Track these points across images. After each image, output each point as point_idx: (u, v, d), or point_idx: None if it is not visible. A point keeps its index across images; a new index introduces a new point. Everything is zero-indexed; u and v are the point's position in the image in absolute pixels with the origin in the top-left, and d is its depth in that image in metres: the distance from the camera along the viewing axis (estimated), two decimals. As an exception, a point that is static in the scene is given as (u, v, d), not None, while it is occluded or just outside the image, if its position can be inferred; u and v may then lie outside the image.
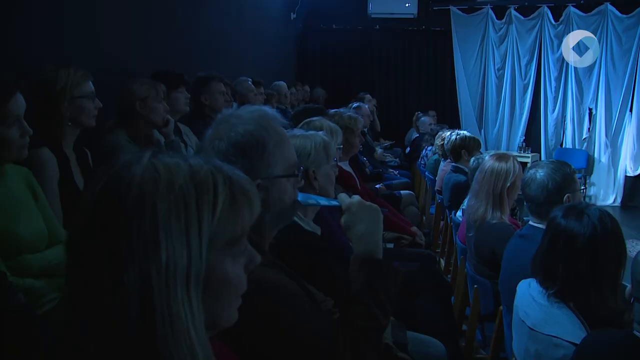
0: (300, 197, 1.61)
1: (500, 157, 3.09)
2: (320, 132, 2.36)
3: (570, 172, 2.45)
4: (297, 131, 2.38)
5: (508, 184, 2.97)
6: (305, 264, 1.82)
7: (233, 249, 0.89)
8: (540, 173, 2.41)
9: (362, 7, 9.63)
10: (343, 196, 1.60)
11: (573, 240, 1.83)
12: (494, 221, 2.93)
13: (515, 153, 8.84)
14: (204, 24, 5.24)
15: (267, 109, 1.56)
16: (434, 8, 9.50)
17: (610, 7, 8.78)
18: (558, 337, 1.76)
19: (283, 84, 6.81)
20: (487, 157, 3.23)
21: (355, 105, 6.18)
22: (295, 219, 2.05)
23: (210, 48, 5.36)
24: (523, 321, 1.93)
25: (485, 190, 2.99)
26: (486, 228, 2.94)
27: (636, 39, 8.69)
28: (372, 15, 9.67)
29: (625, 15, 8.71)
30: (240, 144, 1.44)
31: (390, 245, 3.66)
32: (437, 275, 3.39)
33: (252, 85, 5.25)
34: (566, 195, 2.35)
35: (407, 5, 9.47)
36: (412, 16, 9.53)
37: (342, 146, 3.18)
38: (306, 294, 1.57)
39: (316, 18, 9.72)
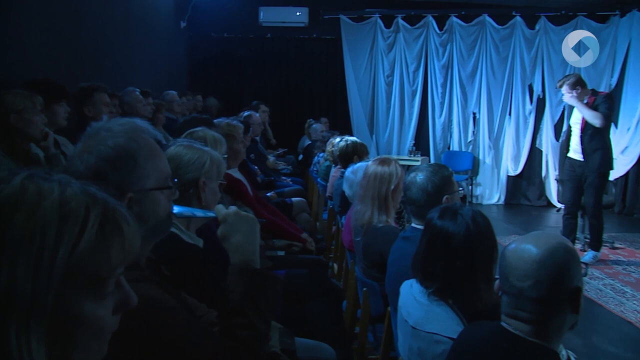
0: (176, 209, 1.58)
1: (383, 161, 3.16)
2: (216, 152, 2.33)
3: (448, 175, 2.54)
4: (196, 143, 2.35)
5: (392, 187, 3.05)
6: (186, 277, 1.78)
7: (96, 289, 0.83)
8: (420, 176, 2.49)
9: (253, 16, 9.64)
10: (219, 207, 1.59)
11: (449, 240, 1.91)
12: (380, 225, 2.98)
13: (406, 157, 9.18)
14: (85, 32, 5.02)
15: (138, 121, 1.50)
16: (325, 17, 9.66)
17: (488, 18, 9.36)
18: (438, 334, 1.82)
19: (173, 93, 6.68)
20: (369, 162, 3.28)
21: (246, 114, 6.15)
22: (176, 231, 2.00)
23: (94, 57, 5.15)
24: (406, 320, 1.98)
25: (370, 194, 3.05)
26: (373, 231, 2.99)
27: (511, 48, 9.33)
28: (264, 24, 9.70)
29: (500, 26, 9.33)
30: (110, 158, 1.38)
31: (281, 253, 3.67)
32: (327, 281, 3.42)
33: (140, 96, 5.12)
34: (445, 196, 2.44)
35: (297, 14, 9.57)
36: (303, 25, 9.65)
37: (226, 155, 3.14)
38: (185, 308, 1.53)
39: (207, 26, 9.63)
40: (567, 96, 6.03)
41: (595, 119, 5.86)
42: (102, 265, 0.83)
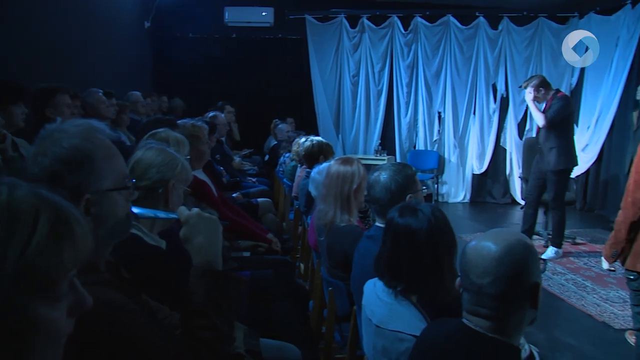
0: (138, 210, 1.57)
1: (345, 161, 3.17)
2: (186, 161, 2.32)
3: (411, 174, 2.56)
4: (169, 148, 2.34)
5: (354, 187, 3.06)
6: (148, 279, 1.76)
7: (49, 292, 0.82)
8: (383, 175, 2.50)
9: (218, 16, 9.57)
10: (182, 209, 1.59)
11: (413, 236, 1.93)
12: (343, 224, 3.00)
13: (372, 156, 9.22)
14: (46, 31, 4.93)
15: (94, 122, 1.48)
16: (290, 17, 9.64)
17: (452, 18, 9.47)
18: (401, 332, 1.83)
19: (138, 94, 6.60)
20: (332, 162, 3.29)
21: (211, 114, 6.11)
22: (138, 232, 1.99)
23: (55, 57, 5.07)
24: (370, 319, 1.99)
25: (333, 193, 3.06)
26: (336, 231, 3.00)
27: (475, 48, 9.45)
28: (229, 24, 9.64)
29: (464, 26, 9.44)
30: (65, 159, 1.37)
31: (247, 254, 3.65)
32: (293, 281, 3.42)
33: (103, 97, 5.05)
34: (408, 195, 2.46)
35: (263, 14, 9.53)
36: (268, 25, 9.62)
37: (189, 157, 3.11)
38: (146, 311, 1.52)
39: (172, 27, 9.55)
40: (528, 96, 6.20)
41: (539, 120, 6.14)
42: (54, 267, 0.82)
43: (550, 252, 6.36)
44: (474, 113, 9.60)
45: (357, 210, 3.17)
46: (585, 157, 8.73)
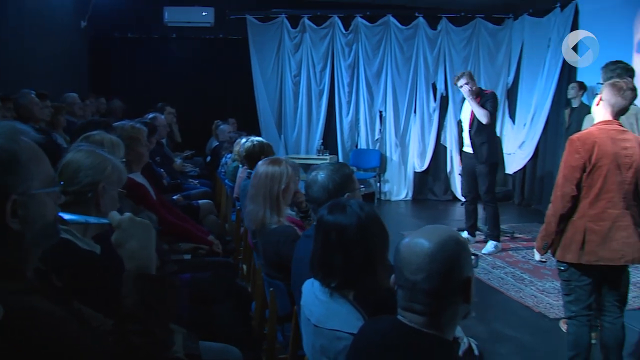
0: (68, 217, 1.53)
1: (273, 161, 3.19)
2: (119, 160, 2.27)
3: (349, 172, 2.58)
4: (99, 149, 2.28)
5: (282, 187, 3.07)
6: (81, 285, 1.73)
7: None
8: (321, 175, 2.51)
9: (157, 16, 9.41)
10: (113, 214, 1.56)
11: (343, 232, 1.94)
12: (274, 226, 3.00)
13: (314, 156, 9.25)
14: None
15: (17, 123, 1.44)
16: (231, 17, 9.58)
17: (392, 19, 9.59)
18: (339, 330, 1.84)
19: (74, 95, 6.45)
20: (260, 163, 3.29)
21: (151, 116, 6.01)
22: (71, 237, 1.94)
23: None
24: (308, 319, 1.99)
25: (262, 193, 3.06)
26: (268, 233, 3.00)
27: (415, 48, 9.60)
28: (169, 24, 9.51)
29: (404, 26, 9.58)
30: None
31: (188, 256, 3.62)
32: (233, 282, 3.41)
33: (37, 98, 4.92)
34: (346, 194, 2.48)
35: (203, 14, 9.42)
36: (209, 25, 9.52)
37: (125, 159, 3.06)
38: (78, 318, 1.48)
39: (110, 26, 9.34)
40: (466, 89, 6.33)
41: (483, 117, 6.30)
42: None
43: (490, 246, 6.56)
44: (415, 112, 9.76)
45: (285, 211, 3.17)
46: (522, 154, 9.01)
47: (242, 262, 4.73)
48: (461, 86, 6.42)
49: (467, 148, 6.64)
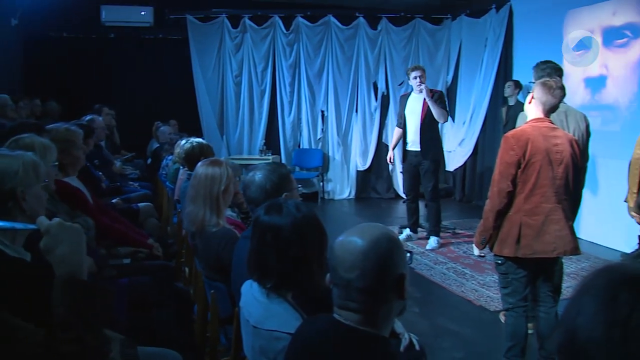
0: None
1: (213, 162, 3.16)
2: (29, 153, 2.17)
3: (286, 172, 2.59)
4: (3, 150, 2.17)
5: (222, 187, 3.05)
6: (9, 295, 1.67)
7: None
8: (258, 175, 2.51)
9: (94, 15, 9.19)
10: (42, 219, 1.51)
11: (279, 232, 1.94)
12: (214, 228, 2.98)
13: (257, 156, 9.21)
14: None
15: None
16: (170, 17, 9.42)
17: (332, 19, 9.64)
18: (277, 331, 1.84)
19: (5, 97, 6.21)
20: (199, 164, 3.26)
21: (88, 118, 5.87)
22: (-1, 245, 1.87)
23: None
24: (247, 320, 1.98)
25: (202, 194, 3.03)
26: (208, 235, 2.97)
27: (356, 48, 9.69)
28: (106, 23, 9.29)
29: (345, 26, 9.64)
30: None
31: (127, 261, 3.55)
32: (173, 286, 3.36)
33: (-37, 101, 4.71)
34: (284, 194, 2.48)
35: (142, 13, 9.25)
36: (148, 24, 9.35)
37: (60, 163, 2.98)
38: (4, 330, 1.43)
39: (44, 25, 9.00)
40: (424, 88, 6.40)
41: (442, 117, 6.48)
42: None
43: (433, 242, 6.69)
44: (356, 111, 9.86)
45: (225, 212, 3.15)
46: (462, 151, 9.20)
47: (184, 265, 4.68)
48: (415, 77, 6.45)
49: (413, 146, 6.63)
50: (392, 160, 7.07)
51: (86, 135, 4.26)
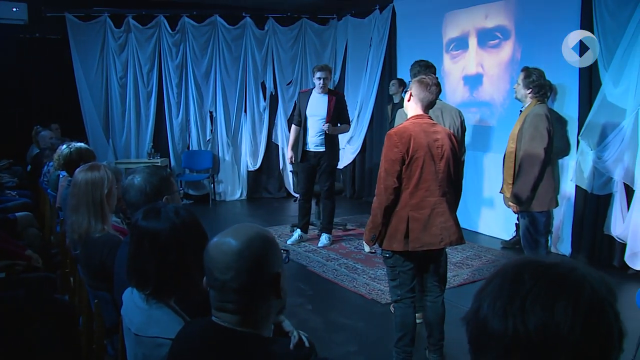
0: None
1: (92, 167, 3.05)
2: None
3: (167, 175, 2.54)
4: None
5: (105, 192, 2.95)
6: None
7: None
8: (137, 178, 2.44)
9: (-43, 11, 8.54)
10: None
11: (156, 237, 1.90)
12: (98, 234, 2.87)
13: (145, 159, 8.97)
14: None
15: None
16: (47, 14, 8.94)
17: (219, 19, 9.54)
18: (159, 337, 1.80)
19: None
20: (77, 170, 3.13)
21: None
22: None
23: None
24: (129, 328, 1.93)
25: (85, 202, 2.91)
26: (92, 242, 2.86)
27: (243, 48, 9.66)
28: (-28, 20, 8.67)
29: (232, 26, 9.59)
30: None
31: (2, 275, 3.34)
32: (54, 298, 3.20)
33: None
34: (165, 197, 2.43)
35: (14, 10, 8.63)
36: (22, 22, 8.77)
37: None
38: None
39: None
40: (328, 128, 6.50)
41: (348, 129, 7.00)
42: None
43: (324, 239, 6.78)
44: (245, 111, 9.83)
45: (110, 217, 3.04)
46: (350, 149, 9.40)
47: (70, 275, 4.47)
48: (319, 78, 6.44)
49: (313, 147, 6.62)
50: (292, 161, 6.91)
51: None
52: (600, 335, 0.92)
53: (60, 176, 4.97)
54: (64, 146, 4.69)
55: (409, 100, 3.60)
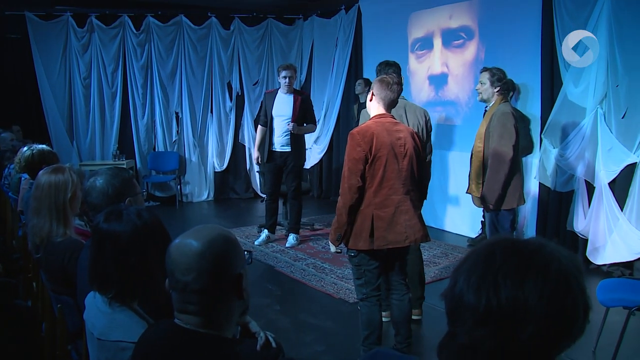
0: None
1: (56, 170, 3.00)
2: None
3: (129, 177, 2.51)
4: None
5: (69, 195, 2.91)
6: None
7: None
8: (99, 180, 2.42)
9: None
10: None
11: (118, 240, 1.87)
12: (59, 239, 2.83)
13: (110, 161, 8.86)
14: None
15: None
16: (6, 13, 8.76)
17: (184, 18, 9.48)
18: (123, 341, 1.78)
19: None
20: (40, 172, 3.08)
21: None
22: None
23: None
24: (92, 333, 1.90)
25: (47, 205, 2.86)
26: (53, 247, 2.81)
27: (209, 48, 9.60)
28: None
29: (197, 26, 9.53)
30: None
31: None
32: (11, 304, 3.14)
33: None
34: (127, 199, 2.40)
35: (-31, 9, 8.50)
36: (-22, 22, 8.63)
37: None
38: None
39: None
40: (293, 128, 6.54)
41: (314, 131, 7.01)
42: None
43: (292, 239, 6.78)
44: (212, 112, 9.78)
45: (73, 221, 3.00)
46: (317, 149, 9.42)
47: (33, 280, 4.40)
48: (284, 77, 6.47)
49: (279, 147, 6.63)
50: (259, 161, 6.91)
51: None
52: (566, 307, 1.01)
53: (22, 179, 4.89)
54: (26, 148, 4.61)
55: (371, 100, 3.64)
